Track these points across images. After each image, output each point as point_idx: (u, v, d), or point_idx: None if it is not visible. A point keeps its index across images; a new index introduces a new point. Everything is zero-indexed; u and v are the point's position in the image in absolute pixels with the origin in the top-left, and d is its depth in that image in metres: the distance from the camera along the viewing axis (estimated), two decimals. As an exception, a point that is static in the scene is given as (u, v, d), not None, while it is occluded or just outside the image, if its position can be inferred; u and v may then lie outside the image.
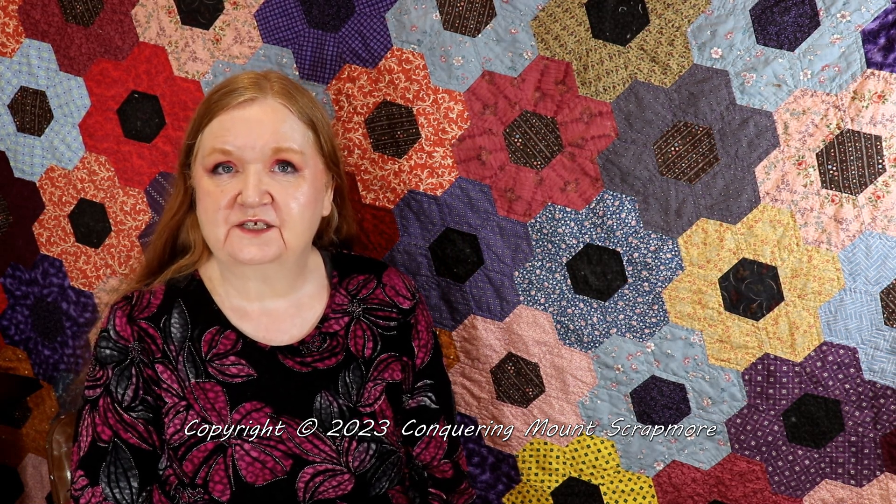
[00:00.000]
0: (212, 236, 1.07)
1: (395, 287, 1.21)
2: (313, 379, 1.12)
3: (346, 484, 1.12)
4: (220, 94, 1.06)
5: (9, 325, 1.69)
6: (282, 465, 1.09)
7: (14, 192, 1.59)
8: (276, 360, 1.12)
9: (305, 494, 1.10)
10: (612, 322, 1.30)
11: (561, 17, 1.20)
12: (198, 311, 1.13)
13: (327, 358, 1.14)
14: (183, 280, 1.15)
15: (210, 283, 1.15)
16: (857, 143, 1.12)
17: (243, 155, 1.03)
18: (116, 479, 1.07)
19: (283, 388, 1.11)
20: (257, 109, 1.05)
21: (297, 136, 1.06)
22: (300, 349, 1.13)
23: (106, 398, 1.09)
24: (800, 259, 1.18)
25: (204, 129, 1.06)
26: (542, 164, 1.27)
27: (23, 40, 1.50)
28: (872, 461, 1.23)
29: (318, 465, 1.10)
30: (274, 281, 1.13)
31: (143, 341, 1.10)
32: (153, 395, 1.10)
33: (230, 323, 1.13)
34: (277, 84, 1.08)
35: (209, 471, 1.07)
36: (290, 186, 1.05)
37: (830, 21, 1.09)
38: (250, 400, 1.09)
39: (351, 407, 1.13)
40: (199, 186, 1.08)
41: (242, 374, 1.10)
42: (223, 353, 1.11)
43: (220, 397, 1.09)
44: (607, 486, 1.39)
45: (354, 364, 1.15)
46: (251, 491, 1.08)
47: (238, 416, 1.09)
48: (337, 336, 1.15)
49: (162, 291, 1.14)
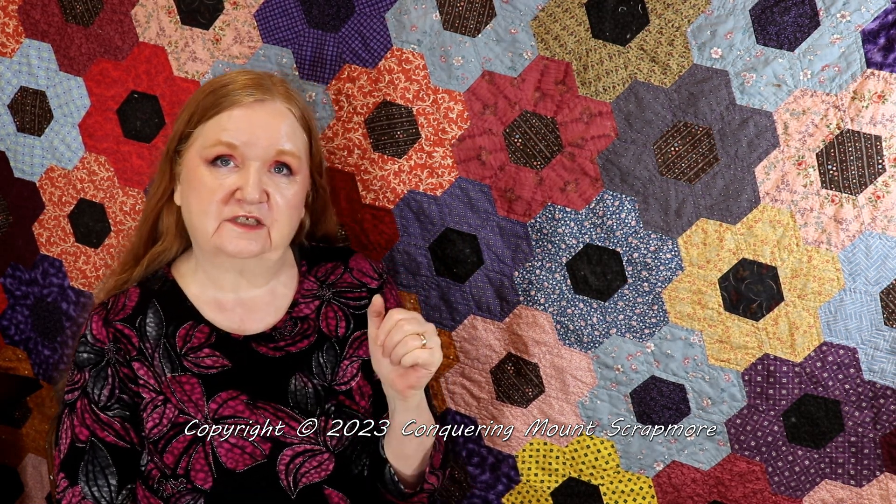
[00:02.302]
0: (200, 226, 1.08)
1: (363, 269, 1.25)
2: (287, 363, 1.15)
3: (327, 463, 1.13)
4: (227, 88, 1.08)
5: (9, 325, 1.69)
6: (261, 449, 1.11)
7: (14, 192, 1.60)
8: (250, 348, 1.14)
9: (287, 477, 1.12)
10: (612, 322, 1.30)
11: (561, 17, 1.20)
12: (171, 309, 1.15)
13: (299, 341, 1.16)
14: (156, 282, 1.18)
15: (182, 279, 1.18)
16: (857, 143, 1.12)
17: (247, 151, 1.06)
18: (94, 477, 1.09)
19: (257, 375, 1.13)
20: (268, 109, 1.08)
21: (297, 140, 1.11)
22: (273, 335, 1.16)
23: (83, 399, 1.11)
24: (800, 259, 1.18)
25: (208, 120, 1.08)
26: (542, 165, 1.27)
27: (23, 40, 1.50)
28: (872, 461, 1.23)
29: (296, 447, 1.12)
30: (250, 274, 1.16)
31: (118, 342, 1.12)
32: (130, 393, 1.11)
33: (203, 317, 1.15)
34: (281, 87, 1.12)
35: (189, 460, 1.09)
36: (283, 187, 1.09)
37: (830, 21, 1.09)
38: (225, 389, 1.12)
39: (326, 386, 1.15)
40: (192, 175, 1.08)
41: (217, 365, 1.12)
42: (197, 346, 1.13)
43: (197, 389, 1.11)
44: (607, 487, 1.39)
45: (328, 344, 1.17)
46: (233, 477, 1.10)
47: (214, 405, 1.11)
48: (308, 319, 1.18)
49: (136, 294, 1.17)
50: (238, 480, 1.10)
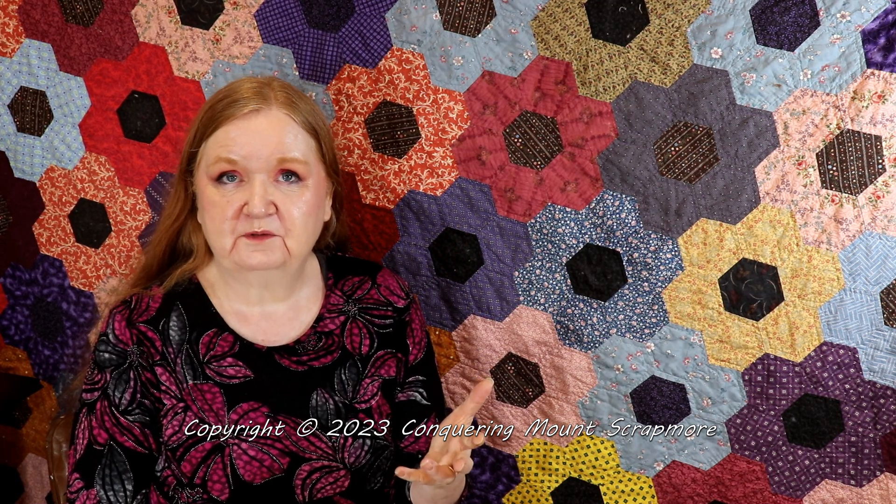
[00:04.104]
0: (218, 245, 1.08)
1: (390, 287, 1.23)
2: (309, 377, 1.13)
3: (342, 480, 1.13)
4: (223, 103, 1.07)
5: (9, 325, 1.69)
6: (279, 462, 1.10)
7: (14, 192, 1.59)
8: (273, 361, 1.13)
9: (304, 492, 1.11)
10: (612, 322, 1.30)
11: (561, 17, 1.20)
12: (196, 314, 1.14)
13: (323, 356, 1.15)
14: (181, 284, 1.16)
15: (209, 287, 1.16)
16: (857, 143, 1.12)
17: (248, 165, 1.04)
18: (111, 481, 1.07)
19: (279, 388, 1.12)
20: (262, 120, 1.06)
21: (301, 145, 1.08)
22: (296, 349, 1.14)
23: (103, 401, 1.09)
24: (800, 259, 1.18)
25: (208, 138, 1.07)
26: (542, 164, 1.27)
27: (23, 40, 1.50)
28: (872, 461, 1.23)
29: (314, 463, 1.11)
30: (275, 286, 1.14)
31: (141, 344, 1.11)
32: (151, 398, 1.10)
33: (228, 325, 1.14)
34: (281, 93, 1.09)
35: (207, 470, 1.08)
36: (293, 196, 1.07)
37: (830, 21, 1.09)
38: (247, 400, 1.10)
39: (347, 404, 1.14)
40: (203, 195, 1.08)
41: (239, 375, 1.11)
42: (220, 354, 1.12)
43: (218, 398, 1.10)
44: (607, 487, 1.39)
45: (350, 361, 1.16)
46: (249, 489, 1.09)
47: (235, 416, 1.09)
48: (332, 335, 1.17)
49: (160, 295, 1.15)
50: (254, 493, 1.09)
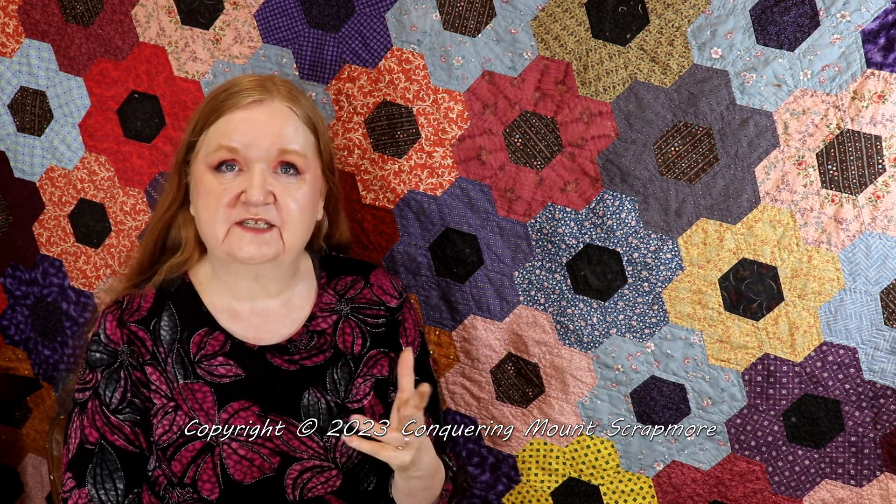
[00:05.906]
0: (210, 234, 1.07)
1: (383, 286, 1.23)
2: (301, 376, 1.13)
3: (334, 480, 1.13)
4: (227, 93, 1.08)
5: (9, 325, 1.69)
6: (269, 462, 1.10)
7: (14, 192, 1.59)
8: (264, 360, 1.13)
9: (294, 491, 1.11)
10: (612, 322, 1.30)
11: (561, 17, 1.20)
12: (187, 313, 1.14)
13: (315, 355, 1.15)
14: (173, 283, 1.16)
15: (200, 286, 1.17)
16: (857, 143, 1.12)
17: (249, 154, 1.05)
18: (102, 480, 1.08)
19: (270, 387, 1.12)
20: (265, 111, 1.07)
21: (301, 139, 1.09)
22: (288, 347, 1.14)
23: (94, 401, 1.10)
24: (800, 259, 1.18)
25: (209, 127, 1.08)
26: (542, 165, 1.27)
27: (23, 40, 1.50)
28: (872, 461, 1.23)
29: (305, 462, 1.11)
30: (266, 281, 1.14)
31: (132, 344, 1.11)
32: (141, 398, 1.11)
33: (219, 324, 1.14)
34: (283, 87, 1.10)
35: (197, 470, 1.08)
36: (291, 188, 1.07)
37: (830, 21, 1.09)
38: (238, 399, 1.11)
39: (339, 403, 1.14)
40: (199, 183, 1.08)
41: (230, 374, 1.11)
42: (211, 353, 1.12)
43: (209, 397, 1.10)
44: (607, 487, 1.39)
45: (342, 361, 1.16)
46: (240, 489, 1.09)
47: (226, 415, 1.10)
48: (325, 334, 1.17)
49: (152, 295, 1.15)
50: (245, 493, 1.09)
